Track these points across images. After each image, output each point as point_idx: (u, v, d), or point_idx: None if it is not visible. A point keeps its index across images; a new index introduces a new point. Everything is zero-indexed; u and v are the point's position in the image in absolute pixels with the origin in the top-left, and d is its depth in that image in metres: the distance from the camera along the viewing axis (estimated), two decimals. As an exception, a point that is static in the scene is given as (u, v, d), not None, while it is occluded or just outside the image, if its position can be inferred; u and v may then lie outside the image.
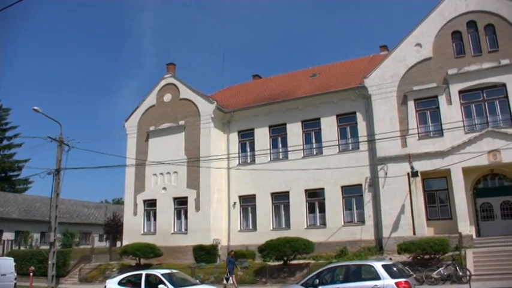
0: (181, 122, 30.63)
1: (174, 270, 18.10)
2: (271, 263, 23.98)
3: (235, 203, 29.51)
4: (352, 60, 33.26)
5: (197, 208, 28.75)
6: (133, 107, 33.39)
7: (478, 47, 24.59)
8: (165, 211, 29.88)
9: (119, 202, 60.38)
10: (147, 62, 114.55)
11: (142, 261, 27.83)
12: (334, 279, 14.15)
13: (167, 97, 31.85)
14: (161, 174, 30.47)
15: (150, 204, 30.85)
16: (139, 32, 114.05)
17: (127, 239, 30.25)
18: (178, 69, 33.89)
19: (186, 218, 29.36)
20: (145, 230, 30.69)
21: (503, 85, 23.57)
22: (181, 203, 29.75)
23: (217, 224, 28.81)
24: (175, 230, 29.68)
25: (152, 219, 30.68)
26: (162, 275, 16.26)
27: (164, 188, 30.20)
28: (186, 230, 29.10)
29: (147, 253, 27.47)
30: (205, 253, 26.83)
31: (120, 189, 33.45)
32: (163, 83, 32.43)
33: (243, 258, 25.69)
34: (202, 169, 28.77)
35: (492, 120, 23.66)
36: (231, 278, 21.12)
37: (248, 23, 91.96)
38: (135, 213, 30.99)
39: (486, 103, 24.08)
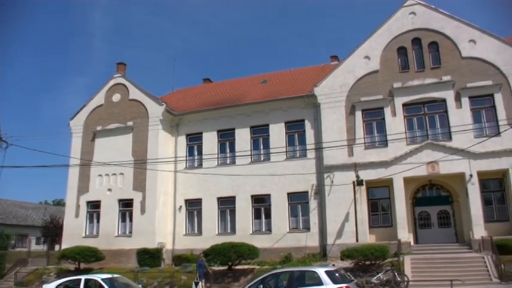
0: (130, 123, 30.10)
1: (115, 275, 17.65)
2: (216, 268, 23.89)
3: (181, 206, 29.22)
4: (303, 69, 33.84)
5: (143, 211, 28.27)
6: (80, 106, 32.49)
7: (422, 63, 25.76)
8: (109, 213, 29.17)
9: (60, 203, 58.34)
10: (97, 60, 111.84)
11: (83, 265, 26.97)
12: (278, 284, 14.35)
13: (116, 97, 31.21)
14: (107, 175, 29.74)
15: (94, 205, 30.01)
16: (90, 29, 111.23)
17: (67, 242, 29.17)
18: (129, 69, 33.41)
19: (131, 220, 28.75)
20: (87, 233, 29.77)
21: (444, 100, 24.77)
22: (126, 205, 29.15)
23: (163, 227, 28.43)
24: (119, 232, 29.02)
25: (95, 221, 29.81)
26: (102, 280, 15.81)
27: (109, 190, 29.50)
28: (130, 232, 28.50)
29: (88, 257, 26.63)
30: (149, 257, 26.39)
31: (62, 190, 32.33)
32: (112, 82, 31.76)
33: (187, 263, 25.47)
34: (149, 171, 28.34)
35: (432, 133, 24.80)
36: (200, 282, 20.96)
37: (201, 27, 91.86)
38: (77, 215, 30.00)
39: (427, 117, 25.20)
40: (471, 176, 23.32)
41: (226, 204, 28.34)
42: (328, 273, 13.87)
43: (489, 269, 19.48)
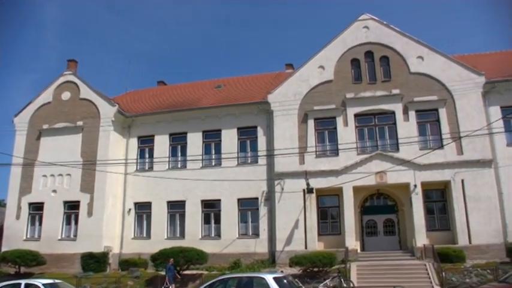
0: (79, 123, 29.23)
1: (57, 280, 17.18)
2: (164, 273, 23.51)
3: (130, 209, 28.60)
4: (258, 76, 34.03)
5: (89, 213, 27.44)
6: (26, 102, 31.19)
7: (374, 75, 26.60)
8: (54, 216, 28.04)
9: (1, 204, 55.69)
10: (47, 55, 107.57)
11: (23, 269, 25.93)
12: (226, 290, 14.23)
13: (65, 95, 30.24)
14: (52, 176, 28.66)
15: (37, 207, 28.77)
16: (41, 22, 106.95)
17: (7, 245, 27.76)
18: (81, 67, 32.46)
19: (76, 223, 27.80)
20: (28, 236, 28.46)
21: (393, 113, 25.65)
22: (72, 207, 28.18)
23: (110, 231, 27.69)
24: (63, 236, 27.98)
25: (37, 224, 28.58)
26: (43, 285, 15.41)
27: (54, 191, 28.45)
28: (75, 236, 27.55)
29: (28, 261, 25.61)
30: (94, 261, 25.54)
31: (2, 190, 30.82)
32: (62, 79, 30.76)
33: (134, 267, 24.95)
34: (98, 173, 27.59)
35: (381, 144, 25.61)
36: (170, 287, 20.51)
37: (159, 28, 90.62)
38: (18, 217, 28.64)
39: (377, 128, 25.98)
40: (415, 186, 24.24)
41: (176, 209, 27.99)
42: (276, 280, 14.12)
43: (431, 276, 20.19)
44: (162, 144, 29.17)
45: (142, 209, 28.69)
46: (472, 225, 23.22)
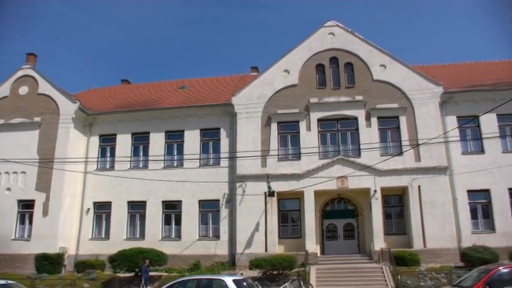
0: (37, 119, 28.30)
1: (10, 281, 16.54)
2: (122, 275, 23.08)
3: (88, 209, 27.84)
4: (223, 77, 33.98)
5: (45, 213, 26.55)
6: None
7: (338, 81, 27.03)
8: (7, 215, 26.91)
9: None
10: (4, 48, 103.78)
11: (-26, 270, 24.80)
12: (186, 292, 14.11)
13: (23, 90, 29.24)
14: (6, 173, 27.59)
15: (-12, 206, 27.58)
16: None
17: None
18: (41, 62, 31.51)
19: (30, 223, 26.84)
20: (-21, 235, 27.28)
21: (356, 118, 26.09)
22: (27, 206, 27.19)
23: (67, 231, 26.88)
24: (17, 236, 26.93)
25: (-11, 223, 27.42)
26: (-4, 285, 14.76)
27: (8, 189, 27.39)
28: (29, 236, 26.56)
29: (-20, 261, 24.52)
30: (49, 263, 24.63)
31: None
32: (20, 73, 29.73)
33: (91, 269, 24.33)
34: (56, 171, 26.75)
35: (343, 149, 25.99)
36: None
37: (124, 26, 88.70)
38: (-32, 216, 27.43)
39: (340, 133, 26.37)
40: (375, 191, 24.73)
41: (137, 209, 27.50)
42: (236, 282, 14.18)
43: (387, 279, 20.58)
44: (124, 144, 28.61)
45: (102, 209, 28.00)
46: (427, 229, 23.92)
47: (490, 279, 12.88)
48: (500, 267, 13.50)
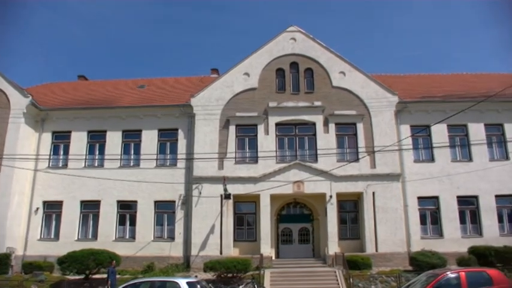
0: (-15, 113, 27.07)
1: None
2: (71, 277, 22.33)
3: (38, 208, 26.78)
4: (183, 78, 33.74)
5: (-9, 211, 25.38)
6: None
7: (297, 86, 27.36)
8: (-51, 213, 25.60)
9: None
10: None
11: None
12: (138, 294, 13.98)
13: (-29, 82, 27.93)
14: (-50, 169, 26.23)
15: None
16: None
17: None
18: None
19: (-25, 222, 25.59)
20: None
21: (314, 124, 26.46)
22: (-28, 204, 25.89)
23: (15, 231, 25.72)
24: (-41, 235, 25.62)
25: None
26: None
27: (-48, 185, 26.04)
28: (-27, 236, 25.33)
29: None
30: (-5, 263, 23.63)
31: None
32: (-32, 65, 28.45)
33: (39, 271, 23.41)
34: (4, 168, 25.56)
35: (300, 154, 26.26)
36: None
37: (83, 21, 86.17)
38: None
39: (297, 138, 26.63)
40: (331, 196, 25.12)
41: (90, 209, 26.70)
42: (190, 285, 14.25)
43: (339, 282, 20.93)
44: (78, 141, 27.72)
45: (52, 209, 26.99)
46: (380, 234, 24.53)
47: (437, 284, 13.33)
48: (448, 272, 13.94)
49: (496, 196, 25.81)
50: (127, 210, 26.69)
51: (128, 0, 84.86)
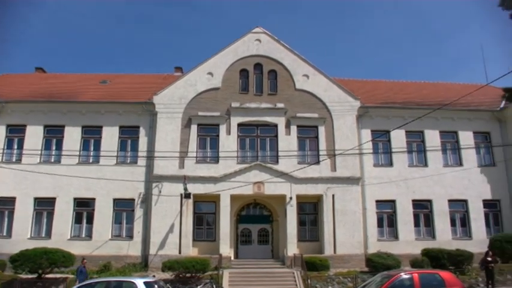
0: None
1: None
2: (24, 276, 21.58)
3: (-13, 204, 25.80)
4: (146, 75, 33.24)
5: None
6: None
7: (261, 87, 27.49)
8: None
9: None
10: None
11: None
12: (94, 295, 13.72)
13: None
14: None
15: None
16: None
17: None
18: None
19: None
20: None
21: (276, 125, 26.65)
22: None
23: (-41, 228, 24.69)
24: None
25: None
26: None
27: None
28: None
29: None
30: None
31: None
32: None
33: (-16, 272, 22.53)
34: (-48, 162, 24.57)
35: (261, 155, 26.40)
36: None
37: (44, 11, 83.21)
38: None
39: (259, 139, 26.76)
40: (291, 198, 25.37)
41: (44, 206, 25.84)
42: (147, 285, 14.03)
43: (297, 283, 21.19)
44: (34, 136, 26.77)
45: (5, 205, 25.87)
46: (338, 236, 24.94)
47: (391, 285, 13.72)
48: (402, 274, 14.42)
49: (449, 201, 26.83)
50: (84, 208, 26.01)
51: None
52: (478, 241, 25.65)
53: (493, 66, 62.71)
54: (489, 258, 20.35)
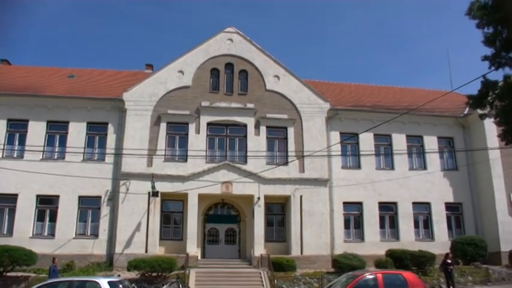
0: None
1: None
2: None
3: None
4: (116, 71, 32.64)
5: None
6: None
7: (231, 87, 27.46)
8: None
9: None
10: None
11: None
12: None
13: None
14: None
15: None
16: None
17: None
18: None
19: None
20: None
21: (245, 126, 26.70)
22: None
23: None
24: None
25: None
26: None
27: None
28: None
29: None
30: None
31: None
32: None
33: None
34: None
35: (230, 155, 26.42)
36: None
37: (12, 4, 79.85)
38: None
39: (228, 138, 26.79)
40: (259, 198, 25.45)
41: (6, 203, 25.02)
42: (111, 284, 13.76)
43: (264, 283, 21.30)
44: (-4, 130, 26.03)
45: (-39, 202, 25.13)
46: (305, 237, 25.13)
47: (356, 285, 14.03)
48: (366, 274, 14.83)
49: (413, 203, 27.50)
50: (47, 205, 25.38)
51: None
52: (441, 243, 26.36)
53: (458, 73, 64.48)
54: (449, 261, 20.87)
